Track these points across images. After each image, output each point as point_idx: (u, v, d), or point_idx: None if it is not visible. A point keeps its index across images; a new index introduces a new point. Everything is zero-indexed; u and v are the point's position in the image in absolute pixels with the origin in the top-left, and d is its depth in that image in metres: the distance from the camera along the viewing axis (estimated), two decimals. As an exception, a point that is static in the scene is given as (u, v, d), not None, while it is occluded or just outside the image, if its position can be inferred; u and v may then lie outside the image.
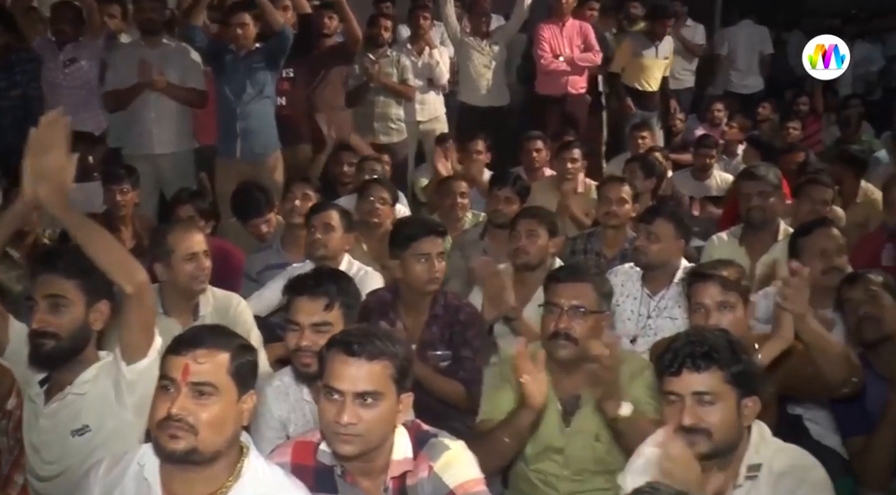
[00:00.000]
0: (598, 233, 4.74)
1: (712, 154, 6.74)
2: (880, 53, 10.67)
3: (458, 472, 2.32)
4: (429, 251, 3.57)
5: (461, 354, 3.58)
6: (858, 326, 3.25)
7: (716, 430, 2.25)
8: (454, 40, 7.57)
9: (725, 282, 3.02)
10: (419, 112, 7.41)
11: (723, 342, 2.33)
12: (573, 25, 7.53)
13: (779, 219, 4.58)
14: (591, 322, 2.94)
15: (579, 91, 7.58)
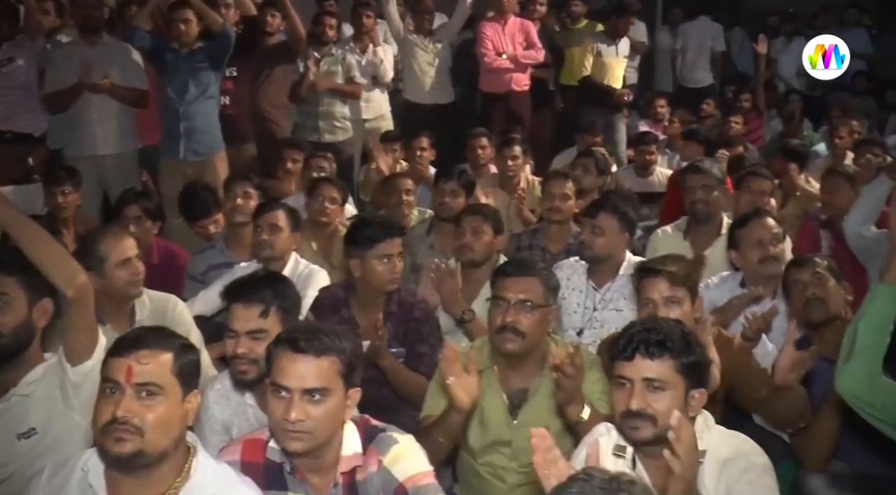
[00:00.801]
0: (542, 229, 4.78)
1: (652, 150, 6.80)
2: (816, 51, 10.90)
3: (408, 465, 2.34)
4: (391, 252, 3.59)
5: (419, 350, 3.60)
6: (805, 307, 3.32)
7: (661, 417, 2.29)
8: (397, 38, 7.57)
9: (674, 277, 3.07)
10: (364, 110, 7.40)
11: (677, 332, 2.37)
12: (515, 23, 7.58)
13: (722, 212, 4.66)
14: (538, 315, 2.97)
15: (523, 88, 7.63)
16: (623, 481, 1.61)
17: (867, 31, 11.06)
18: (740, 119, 8.08)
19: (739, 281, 3.92)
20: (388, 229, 3.69)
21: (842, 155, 6.80)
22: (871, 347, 2.50)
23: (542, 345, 3.03)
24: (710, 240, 4.55)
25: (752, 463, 2.36)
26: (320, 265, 4.34)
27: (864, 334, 2.50)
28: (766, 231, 3.80)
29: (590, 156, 5.74)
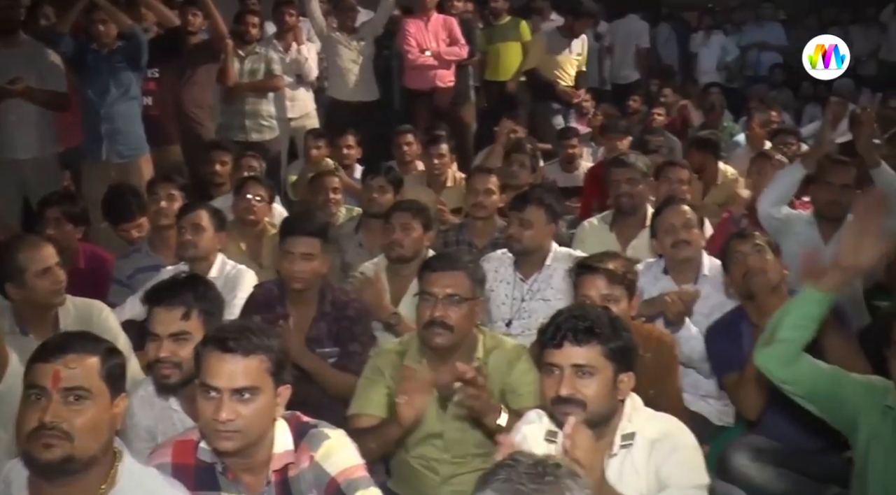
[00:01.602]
0: (468, 224, 4.81)
1: (573, 144, 6.88)
2: (735, 44, 11.17)
3: (339, 459, 2.35)
4: (292, 250, 3.59)
5: (350, 349, 3.60)
6: (745, 278, 3.41)
7: (590, 402, 2.34)
8: (321, 36, 7.53)
9: (611, 275, 3.12)
10: (290, 109, 7.36)
11: (604, 319, 2.42)
12: (438, 20, 7.62)
13: (647, 205, 4.76)
14: (466, 309, 2.99)
15: (447, 84, 7.67)
16: (549, 465, 1.64)
17: (782, 25, 11.38)
18: (662, 111, 8.24)
19: (662, 268, 4.02)
20: (295, 226, 3.72)
21: (759, 144, 6.99)
22: (790, 340, 2.59)
23: (471, 338, 3.06)
24: (636, 231, 4.65)
25: (679, 442, 2.43)
26: (249, 266, 4.32)
27: (786, 328, 2.58)
28: (679, 217, 3.90)
29: (522, 151, 5.80)
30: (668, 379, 3.28)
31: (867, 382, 2.73)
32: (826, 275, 2.52)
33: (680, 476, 2.35)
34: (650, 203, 4.79)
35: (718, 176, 6.14)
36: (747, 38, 11.16)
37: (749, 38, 11.15)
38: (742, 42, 11.14)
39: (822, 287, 2.52)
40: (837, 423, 2.78)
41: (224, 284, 4.00)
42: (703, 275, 3.95)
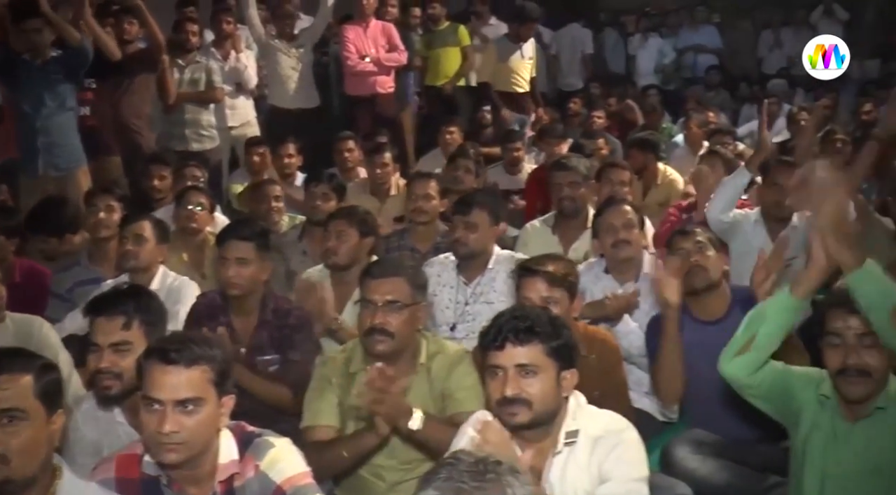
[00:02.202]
0: (410, 230, 4.82)
1: (517, 147, 6.93)
2: (671, 47, 11.36)
3: (285, 467, 2.34)
4: (227, 255, 3.58)
5: (290, 357, 3.58)
6: (687, 275, 3.46)
7: (536, 401, 2.37)
8: (259, 43, 7.50)
9: (552, 277, 3.15)
10: (230, 117, 7.30)
11: (544, 318, 2.45)
12: (377, 26, 7.62)
13: (589, 207, 4.82)
14: (407, 315, 2.99)
15: (388, 91, 7.68)
16: (489, 462, 1.65)
17: (716, 28, 11.61)
18: (602, 113, 8.33)
19: (604, 267, 4.07)
20: (229, 231, 3.72)
21: (697, 144, 7.11)
22: (764, 348, 2.64)
23: (414, 344, 3.06)
24: (578, 233, 4.70)
25: (622, 438, 2.46)
26: (191, 276, 4.29)
27: (762, 337, 2.63)
28: (620, 217, 3.95)
29: (466, 157, 5.82)
30: (613, 379, 3.31)
31: (806, 374, 2.80)
32: (803, 281, 2.56)
33: (621, 469, 2.39)
34: (592, 205, 4.85)
35: (658, 176, 6.24)
36: (683, 41, 11.38)
37: (685, 41, 11.37)
38: (678, 45, 11.35)
39: (799, 293, 2.57)
40: (781, 416, 2.84)
41: (166, 296, 3.96)
42: (644, 274, 4.01)
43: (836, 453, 2.67)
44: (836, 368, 2.60)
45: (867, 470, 2.63)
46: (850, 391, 2.60)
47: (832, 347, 2.61)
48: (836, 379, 2.62)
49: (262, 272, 3.65)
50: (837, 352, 2.59)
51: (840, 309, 2.59)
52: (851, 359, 2.56)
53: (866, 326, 2.53)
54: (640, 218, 4.05)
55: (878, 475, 2.62)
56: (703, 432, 3.53)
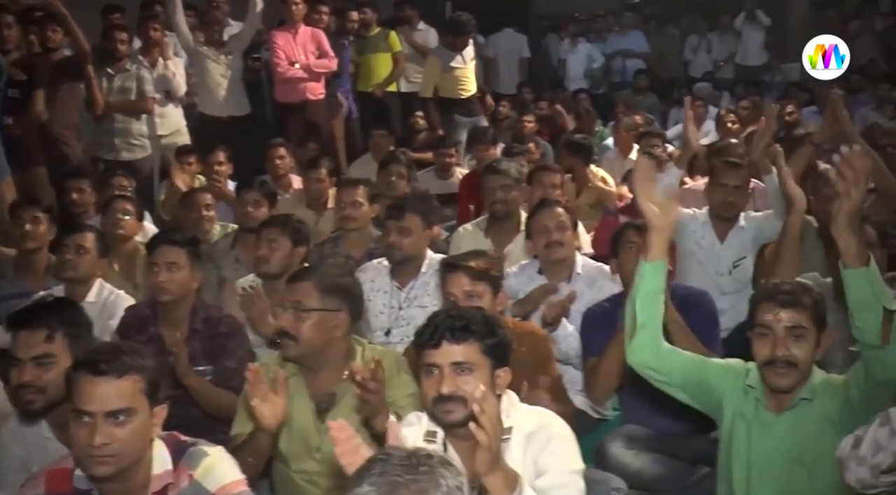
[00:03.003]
0: (342, 236, 4.79)
1: (451, 153, 6.94)
2: (600, 52, 11.54)
3: (219, 476, 2.33)
4: (157, 260, 3.54)
5: (227, 366, 3.54)
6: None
7: (470, 398, 2.35)
8: (188, 50, 7.41)
9: (474, 272, 3.18)
10: (159, 126, 7.19)
11: (479, 317, 2.48)
12: (306, 32, 7.57)
13: (521, 209, 4.86)
14: (313, 319, 2.95)
15: (318, 97, 7.63)
16: (421, 455, 1.67)
17: (643, 33, 11.82)
18: (532, 118, 8.40)
19: (537, 268, 4.11)
20: (159, 237, 3.69)
21: (628, 147, 7.22)
22: (648, 320, 2.71)
23: (343, 349, 3.05)
24: (511, 236, 4.74)
25: (554, 433, 2.49)
26: (122, 286, 4.24)
27: (640, 310, 2.70)
28: (553, 218, 4.00)
29: (398, 162, 5.83)
30: (545, 370, 3.34)
31: (727, 365, 2.87)
32: (648, 246, 2.66)
33: (556, 463, 2.42)
34: (524, 208, 4.90)
35: (590, 178, 6.32)
36: (611, 46, 11.57)
37: (613, 45, 11.57)
38: (607, 50, 11.54)
39: (649, 257, 2.65)
40: (704, 407, 2.91)
41: (102, 309, 3.96)
42: (577, 274, 4.07)
43: (760, 442, 2.75)
44: (765, 359, 2.68)
45: (791, 459, 2.72)
46: (776, 382, 2.68)
47: (761, 339, 2.68)
48: (763, 369, 2.70)
49: (192, 280, 3.61)
50: (766, 344, 2.67)
51: (770, 302, 2.67)
52: (780, 351, 2.64)
53: (795, 319, 2.63)
54: (573, 219, 4.10)
55: (801, 464, 2.71)
56: (636, 427, 3.61)
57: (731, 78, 11.42)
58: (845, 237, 2.41)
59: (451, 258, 3.43)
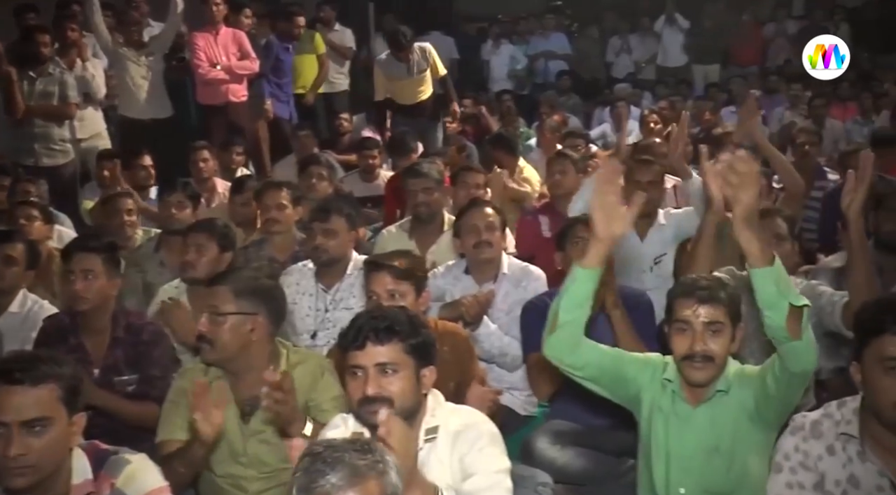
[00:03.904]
0: (267, 240, 4.74)
1: (374, 155, 6.93)
2: (523, 53, 11.64)
3: (142, 484, 2.30)
4: (73, 268, 3.48)
5: (150, 374, 3.49)
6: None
7: (396, 399, 2.39)
8: (107, 51, 7.27)
9: (397, 271, 3.19)
10: (79, 129, 7.03)
11: (403, 317, 2.48)
12: (227, 33, 7.49)
13: (444, 210, 4.88)
14: (228, 323, 2.93)
15: (240, 99, 7.57)
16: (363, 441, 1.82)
17: (565, 35, 11.97)
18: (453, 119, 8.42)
19: (464, 268, 4.14)
20: (74, 244, 3.62)
21: (551, 147, 7.29)
22: (570, 322, 2.73)
23: (265, 353, 3.02)
24: (434, 237, 4.77)
25: (480, 432, 2.51)
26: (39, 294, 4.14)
27: (564, 311, 2.72)
28: (482, 219, 4.03)
29: (318, 163, 5.79)
30: (468, 368, 3.37)
31: (645, 359, 2.93)
32: (587, 252, 2.68)
33: (483, 463, 2.44)
34: (447, 209, 4.93)
35: (516, 173, 6.37)
36: (534, 47, 11.68)
37: (535, 47, 11.68)
38: (529, 51, 11.64)
39: (585, 264, 2.67)
40: (621, 400, 2.96)
41: (25, 319, 3.90)
42: (503, 274, 4.09)
43: (679, 434, 2.81)
44: (683, 354, 2.73)
45: (708, 449, 2.79)
46: (694, 376, 2.74)
47: (680, 334, 2.74)
48: (681, 364, 2.75)
49: (110, 287, 3.54)
50: (684, 339, 2.73)
51: (689, 298, 2.73)
52: (698, 346, 2.70)
53: (713, 315, 2.69)
54: (502, 220, 4.13)
55: (719, 453, 2.78)
56: (562, 422, 3.66)
57: (653, 79, 11.64)
58: (745, 239, 2.44)
59: (374, 257, 3.44)
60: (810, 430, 2.35)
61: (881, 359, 2.19)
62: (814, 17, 12.14)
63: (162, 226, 4.91)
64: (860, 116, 8.88)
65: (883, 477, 2.24)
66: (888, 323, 2.19)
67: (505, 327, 3.92)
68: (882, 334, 2.19)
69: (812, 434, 2.35)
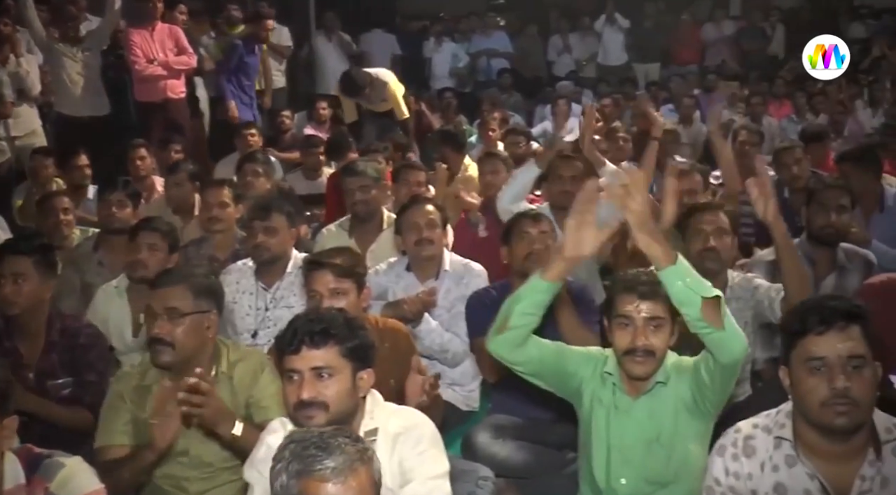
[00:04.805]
0: (207, 239, 4.69)
1: (318, 152, 6.89)
2: (465, 51, 11.68)
3: (77, 487, 2.26)
4: (2, 271, 3.39)
5: (85, 378, 3.43)
6: (527, 257, 3.62)
7: (332, 402, 2.38)
8: (42, 46, 7.12)
9: (338, 269, 3.16)
10: (13, 127, 6.92)
11: (339, 319, 2.46)
12: (163, 29, 7.41)
13: (383, 208, 4.88)
14: (188, 323, 2.91)
15: (179, 95, 7.48)
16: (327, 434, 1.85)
17: (506, 33, 12.04)
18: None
19: (406, 265, 4.14)
20: (5, 246, 3.55)
21: (493, 144, 7.32)
22: (520, 327, 2.76)
23: (209, 351, 3.00)
24: (374, 235, 4.76)
25: (421, 434, 2.50)
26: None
27: (517, 316, 2.75)
28: (423, 216, 4.04)
29: (253, 161, 5.74)
30: (409, 366, 3.34)
31: (587, 353, 2.96)
32: (551, 266, 2.70)
33: (422, 468, 2.43)
34: (387, 207, 4.92)
35: (461, 169, 6.39)
36: (476, 45, 11.72)
37: (477, 45, 11.73)
38: (471, 50, 11.69)
39: (547, 277, 2.69)
40: (563, 394, 2.99)
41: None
42: (445, 271, 4.10)
43: (619, 426, 2.85)
44: (625, 349, 2.77)
45: (648, 440, 2.82)
46: (635, 370, 2.78)
47: (622, 329, 2.78)
48: (622, 358, 2.79)
49: (43, 290, 3.46)
50: (626, 334, 2.76)
51: (631, 294, 2.77)
52: (640, 341, 2.74)
53: (654, 311, 2.73)
54: (443, 217, 4.14)
55: (658, 444, 2.82)
56: (503, 416, 3.69)
57: (594, 77, 11.76)
58: (645, 244, 2.48)
59: (314, 256, 3.40)
60: (742, 449, 2.35)
61: (806, 359, 2.21)
62: (751, 18, 12.39)
63: (102, 225, 4.82)
64: (795, 115, 9.07)
65: (813, 479, 2.26)
66: (811, 323, 2.20)
67: (446, 323, 3.94)
68: (806, 335, 2.21)
69: (744, 452, 2.34)
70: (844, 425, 2.17)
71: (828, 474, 2.25)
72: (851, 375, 2.16)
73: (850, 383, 2.15)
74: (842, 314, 2.20)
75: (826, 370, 2.18)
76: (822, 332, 2.19)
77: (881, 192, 4.97)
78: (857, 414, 2.17)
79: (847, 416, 2.16)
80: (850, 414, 2.16)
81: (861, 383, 2.17)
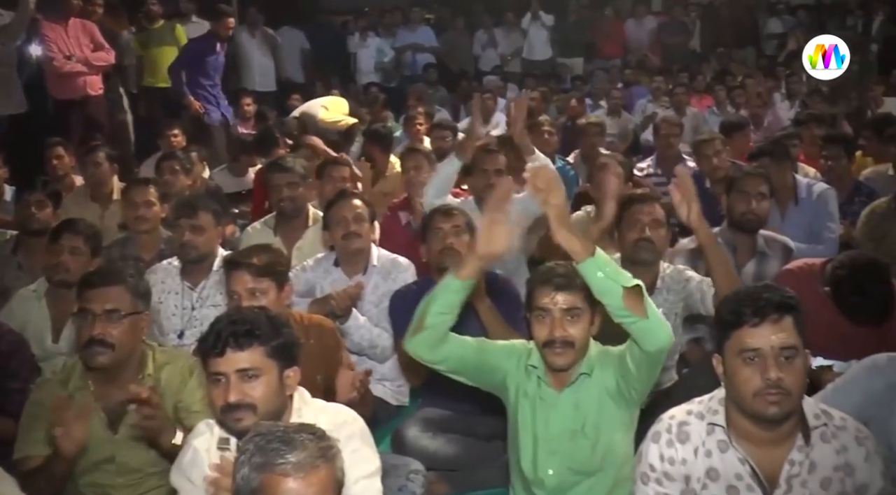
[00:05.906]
0: (132, 238, 4.61)
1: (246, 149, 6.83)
2: (389, 46, 11.65)
3: None
4: None
5: (8, 386, 3.35)
6: (441, 253, 3.64)
7: (260, 403, 2.36)
8: (-50, 41, 6.89)
9: (256, 268, 3.11)
10: (-76, 127, 6.68)
11: (262, 319, 2.43)
12: (76, 24, 7.24)
13: (309, 205, 4.84)
14: (127, 324, 2.88)
15: (98, 92, 7.34)
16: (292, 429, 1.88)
17: (431, 28, 12.05)
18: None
19: (333, 260, 4.12)
20: None
21: (419, 139, 7.33)
22: (436, 326, 2.78)
23: (138, 354, 2.96)
24: (300, 232, 4.72)
25: (351, 432, 2.48)
26: None
27: (432, 315, 2.76)
28: (350, 210, 4.02)
29: (173, 158, 5.65)
30: (335, 360, 3.34)
31: (510, 346, 2.99)
32: (464, 265, 2.73)
33: (353, 467, 2.38)
34: (312, 204, 4.88)
35: (388, 167, 6.38)
36: (400, 40, 11.71)
37: (402, 40, 11.71)
38: (396, 44, 11.67)
39: (461, 275, 2.72)
40: (488, 388, 3.02)
41: None
42: (373, 267, 4.09)
43: (544, 418, 2.88)
44: (544, 340, 2.80)
45: (574, 431, 2.86)
46: (555, 361, 2.81)
47: (540, 321, 2.81)
48: (543, 350, 2.82)
49: None
50: (544, 326, 2.79)
51: (547, 286, 2.79)
52: (557, 332, 2.77)
53: (570, 301, 2.76)
54: (370, 212, 4.13)
55: (584, 435, 2.86)
56: (433, 410, 3.71)
57: (519, 72, 11.84)
58: (563, 238, 2.54)
59: (232, 255, 3.35)
60: (676, 434, 2.38)
61: (740, 350, 2.24)
62: (672, 14, 12.61)
63: (20, 226, 4.69)
64: (716, 107, 9.26)
65: (744, 464, 2.30)
66: (745, 315, 2.24)
67: (375, 319, 3.94)
68: (741, 327, 2.24)
69: (678, 438, 2.37)
70: (776, 414, 2.22)
71: (759, 459, 2.30)
72: (784, 366, 2.21)
73: (782, 374, 2.20)
74: (775, 306, 2.23)
75: (760, 361, 2.22)
76: (756, 324, 2.22)
77: (795, 185, 5.10)
78: (789, 402, 2.22)
79: (779, 405, 2.20)
80: (781, 404, 2.20)
81: (793, 373, 2.21)
